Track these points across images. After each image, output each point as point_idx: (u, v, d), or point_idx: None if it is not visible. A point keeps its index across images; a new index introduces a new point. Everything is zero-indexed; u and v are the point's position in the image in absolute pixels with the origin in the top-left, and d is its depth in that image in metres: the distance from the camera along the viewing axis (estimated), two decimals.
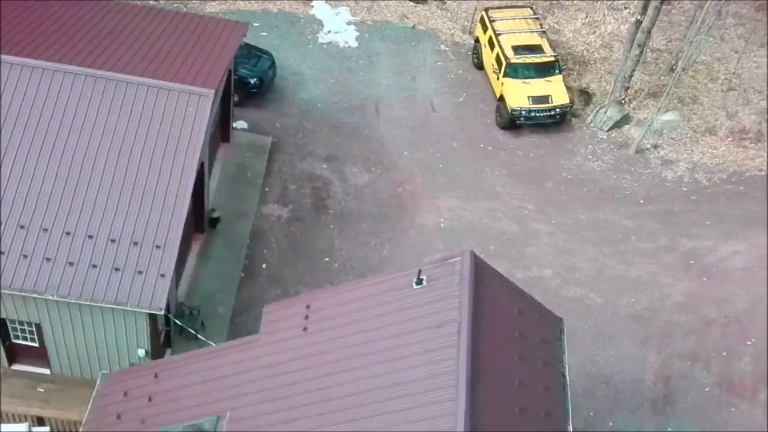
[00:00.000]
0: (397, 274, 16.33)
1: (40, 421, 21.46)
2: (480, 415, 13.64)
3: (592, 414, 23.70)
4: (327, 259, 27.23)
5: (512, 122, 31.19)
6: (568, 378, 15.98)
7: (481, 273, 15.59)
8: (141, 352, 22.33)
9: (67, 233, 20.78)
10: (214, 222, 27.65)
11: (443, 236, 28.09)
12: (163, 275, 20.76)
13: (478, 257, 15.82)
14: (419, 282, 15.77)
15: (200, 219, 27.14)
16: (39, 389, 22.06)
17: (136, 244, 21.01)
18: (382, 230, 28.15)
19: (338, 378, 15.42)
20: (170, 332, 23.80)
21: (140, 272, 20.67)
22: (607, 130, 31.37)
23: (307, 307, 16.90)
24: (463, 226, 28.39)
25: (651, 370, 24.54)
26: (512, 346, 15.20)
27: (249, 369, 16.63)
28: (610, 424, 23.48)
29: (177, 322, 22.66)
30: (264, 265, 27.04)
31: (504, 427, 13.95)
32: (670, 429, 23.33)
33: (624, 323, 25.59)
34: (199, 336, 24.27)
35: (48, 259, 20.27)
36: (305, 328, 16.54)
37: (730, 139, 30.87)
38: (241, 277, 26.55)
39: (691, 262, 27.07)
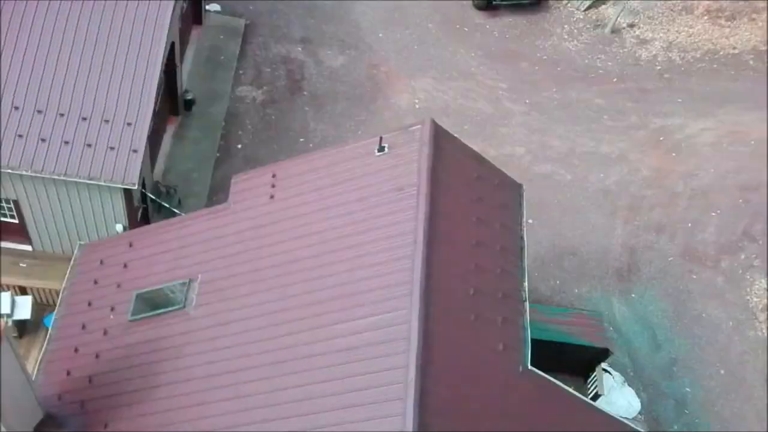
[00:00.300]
0: (360, 142, 16.71)
1: (23, 291, 22.20)
2: (436, 268, 14.27)
3: (558, 283, 24.57)
4: (302, 139, 27.56)
5: (489, 3, 30.98)
6: (525, 240, 16.59)
7: (442, 140, 15.97)
8: (119, 227, 22.89)
9: (39, 111, 20.98)
10: (189, 104, 27.80)
11: (418, 116, 28.25)
12: (135, 151, 21.10)
13: (439, 125, 16.15)
14: (381, 149, 16.16)
15: (174, 101, 27.28)
16: (21, 264, 22.72)
17: (107, 121, 21.24)
18: (356, 111, 28.38)
19: (303, 241, 15.98)
20: (148, 210, 24.33)
21: (112, 148, 20.99)
22: (584, 10, 31.22)
23: (274, 176, 17.33)
24: (437, 106, 28.61)
25: (617, 241, 25.31)
26: (470, 209, 15.73)
27: (219, 236, 17.17)
28: (576, 291, 24.37)
29: (151, 196, 23.11)
30: (239, 146, 27.37)
31: (460, 281, 14.61)
32: (633, 295, 24.25)
33: (593, 197, 26.20)
34: (176, 213, 24.85)
35: (20, 136, 20.53)
36: (272, 196, 17.01)
37: (706, 17, 30.79)
38: (217, 158, 26.92)
39: (661, 138, 27.50)
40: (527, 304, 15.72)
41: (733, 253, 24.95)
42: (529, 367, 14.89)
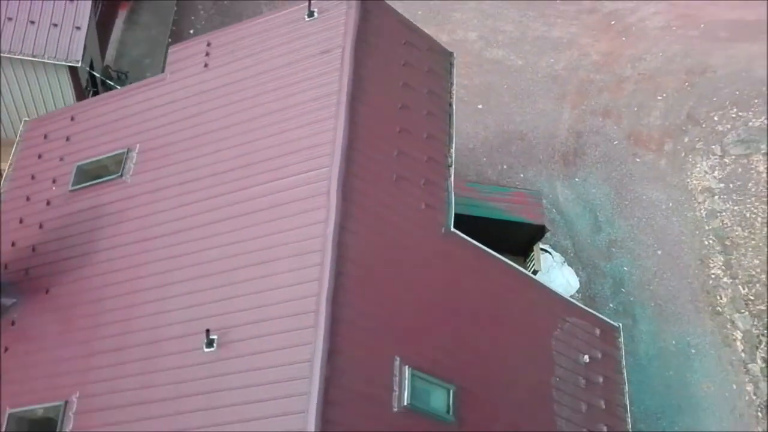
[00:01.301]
0: (291, 8, 16.80)
1: None
2: (359, 128, 14.62)
3: (505, 167, 25.01)
4: None
5: None
6: (453, 107, 16.89)
7: (370, 4, 16.08)
8: None
9: None
10: None
11: None
12: (78, 27, 21.08)
13: None
14: (311, 14, 16.29)
15: None
16: None
17: None
18: None
19: (236, 107, 16.26)
20: (98, 93, 24.37)
21: (55, 25, 20.96)
22: None
23: (208, 44, 17.46)
24: None
25: (564, 126, 25.66)
26: (397, 73, 15.97)
27: (155, 106, 17.40)
28: (522, 175, 24.85)
29: (97, 75, 23.15)
30: (192, 31, 27.24)
31: (383, 142, 14.98)
32: (577, 179, 24.75)
33: (542, 82, 26.42)
34: None
35: None
36: (206, 65, 17.18)
37: None
38: (169, 43, 26.76)
39: (612, 22, 27.56)
40: (452, 169, 16.12)
41: (676, 136, 25.39)
42: (452, 229, 15.42)
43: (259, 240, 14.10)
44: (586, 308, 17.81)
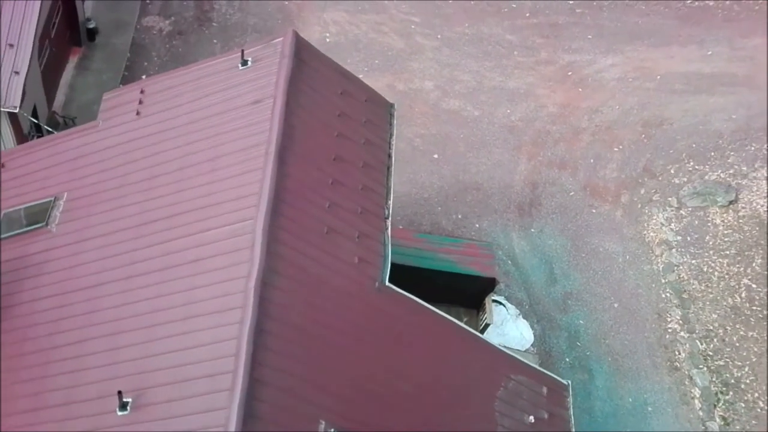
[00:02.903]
0: (225, 56, 16.38)
1: None
2: (287, 181, 14.08)
3: (460, 217, 24.54)
4: None
5: None
6: (393, 158, 16.41)
7: (305, 54, 15.69)
8: None
9: None
10: (92, 34, 27.10)
11: (328, 51, 27.10)
12: (17, 72, 20.57)
13: (302, 38, 15.87)
14: (244, 63, 15.84)
15: (76, 30, 26.59)
16: None
17: None
18: None
19: (166, 156, 15.69)
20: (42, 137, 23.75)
21: None
22: None
23: (142, 91, 16.98)
24: (348, 40, 28.21)
25: (520, 176, 25.28)
26: (332, 123, 15.51)
27: (86, 153, 16.83)
28: (477, 225, 24.36)
29: (35, 121, 22.55)
30: (144, 77, 26.58)
31: (314, 194, 14.44)
32: (533, 229, 24.30)
33: (498, 133, 26.10)
34: None
35: None
36: (138, 113, 16.66)
37: None
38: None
39: (569, 73, 27.40)
40: (389, 221, 15.57)
41: (632, 188, 25.06)
42: (387, 283, 14.81)
43: (181, 295, 13.43)
44: (533, 365, 17.20)
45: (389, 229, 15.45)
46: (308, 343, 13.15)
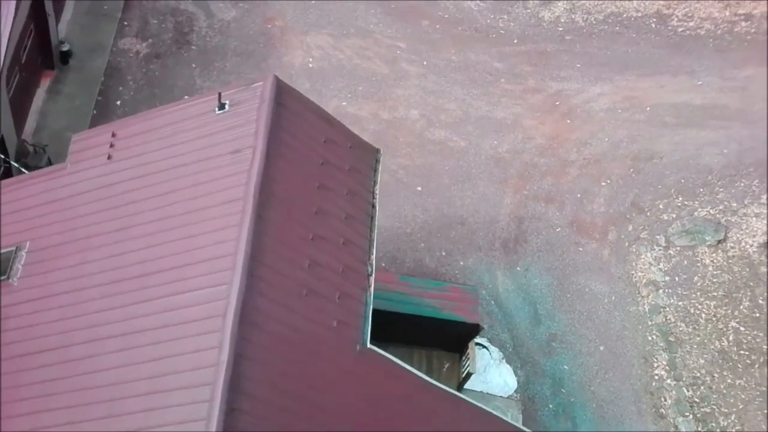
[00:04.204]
0: (201, 98, 15.55)
1: None
2: (265, 239, 13.29)
3: (444, 254, 23.84)
4: (186, 97, 26.12)
5: None
6: (377, 208, 15.66)
7: (286, 98, 14.87)
8: None
9: None
10: (66, 57, 26.16)
11: (311, 76, 27.14)
12: None
13: (284, 82, 15.04)
14: (221, 107, 15.03)
15: (49, 54, 25.63)
16: None
17: None
18: (246, 69, 27.02)
19: (138, 207, 14.84)
20: (10, 168, 22.80)
21: None
22: None
23: (113, 135, 16.08)
24: (332, 66, 27.43)
25: (506, 211, 24.61)
26: (314, 173, 14.71)
27: (52, 199, 15.95)
28: (461, 263, 23.67)
29: (5, 158, 21.58)
30: (119, 102, 25.89)
31: (294, 253, 13.66)
32: (518, 268, 23.64)
33: (485, 165, 25.41)
34: None
35: None
36: (109, 157, 15.79)
37: None
38: (94, 114, 25.43)
39: (557, 103, 26.75)
40: (372, 278, 14.81)
41: (620, 224, 24.45)
42: (368, 345, 14.06)
43: (146, 366, 12.61)
44: (517, 425, 16.52)
45: (372, 287, 14.69)
46: (284, 419, 12.37)
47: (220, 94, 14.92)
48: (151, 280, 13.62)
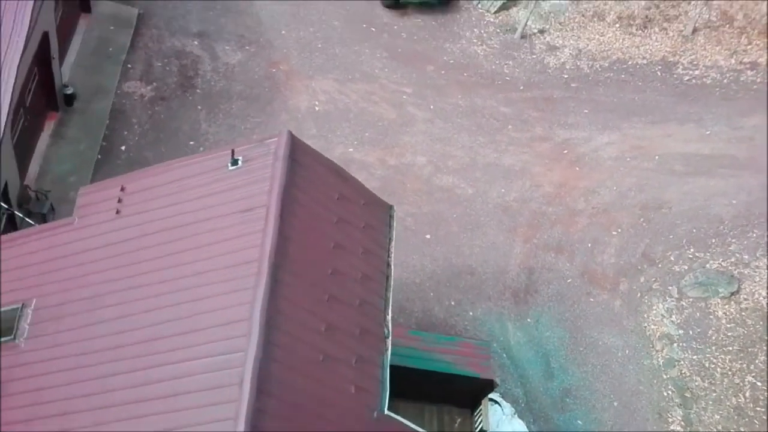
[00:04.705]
0: (213, 153, 15.22)
1: None
2: (281, 302, 12.86)
3: (453, 304, 23.40)
4: (192, 142, 25.83)
5: (396, 1, 29.66)
6: (392, 266, 15.27)
7: (300, 155, 14.53)
8: None
9: None
10: (70, 99, 25.82)
11: (317, 121, 26.88)
12: None
13: (298, 138, 14.71)
14: (234, 163, 14.67)
15: (53, 96, 25.31)
16: None
17: None
18: (252, 113, 26.77)
19: (147, 266, 14.42)
20: (13, 216, 22.37)
21: None
22: (494, 12, 30.04)
23: (122, 189, 15.69)
24: (338, 110, 27.19)
25: (516, 260, 24.23)
26: (329, 233, 14.33)
27: (59, 255, 15.50)
28: (471, 314, 23.23)
29: (7, 207, 21.14)
30: (123, 147, 25.52)
31: (309, 317, 13.23)
32: (529, 319, 23.22)
33: (493, 213, 25.08)
34: (47, 220, 22.96)
35: None
36: (118, 211, 15.39)
37: (617, 25, 29.87)
38: (98, 159, 25.02)
39: (565, 151, 26.52)
40: (389, 340, 14.37)
41: (632, 275, 24.07)
42: (386, 412, 13.57)
43: None
44: None
45: (389, 350, 14.24)
46: None
47: (233, 150, 14.57)
48: (161, 345, 13.16)
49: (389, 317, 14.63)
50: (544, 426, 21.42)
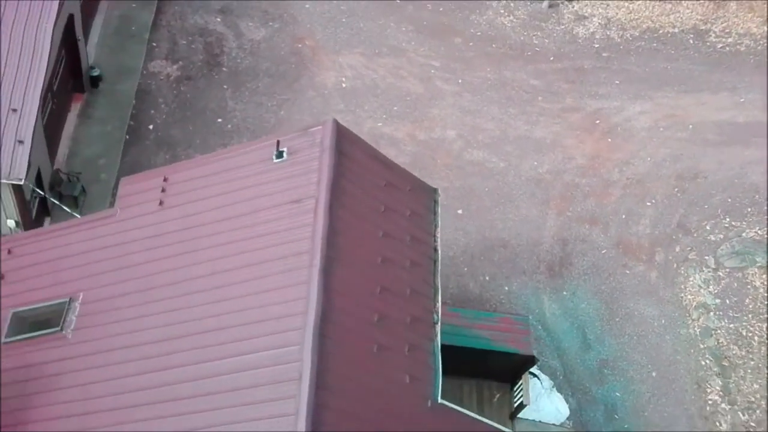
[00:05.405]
0: (257, 144, 15.05)
1: None
2: (335, 294, 12.82)
3: (488, 278, 23.34)
4: (219, 120, 25.70)
5: None
6: (439, 252, 15.18)
7: (345, 144, 14.38)
8: (11, 223, 21.01)
9: None
10: (96, 81, 25.68)
11: (344, 96, 26.64)
12: (21, 142, 19.18)
13: (343, 126, 14.54)
14: (279, 155, 14.53)
15: (79, 77, 25.17)
16: None
17: None
18: (278, 90, 26.55)
19: (194, 258, 14.39)
20: (45, 199, 22.37)
21: None
22: None
23: (165, 180, 15.62)
24: (365, 85, 26.92)
25: (549, 233, 24.09)
26: (377, 222, 14.23)
27: (103, 246, 15.49)
28: (506, 288, 23.18)
29: (41, 193, 21.11)
30: (151, 127, 25.41)
31: (362, 307, 13.20)
32: (564, 292, 23.15)
33: (525, 186, 24.89)
34: (78, 201, 23.00)
35: None
36: (161, 203, 15.33)
37: None
38: (126, 140, 24.95)
39: (597, 122, 26.21)
40: (439, 326, 14.34)
41: (667, 245, 23.91)
42: (440, 400, 13.58)
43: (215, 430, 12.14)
44: None
45: (439, 336, 14.22)
46: None
47: (278, 142, 14.42)
48: (211, 338, 13.16)
49: (438, 303, 14.58)
50: (582, 398, 21.47)
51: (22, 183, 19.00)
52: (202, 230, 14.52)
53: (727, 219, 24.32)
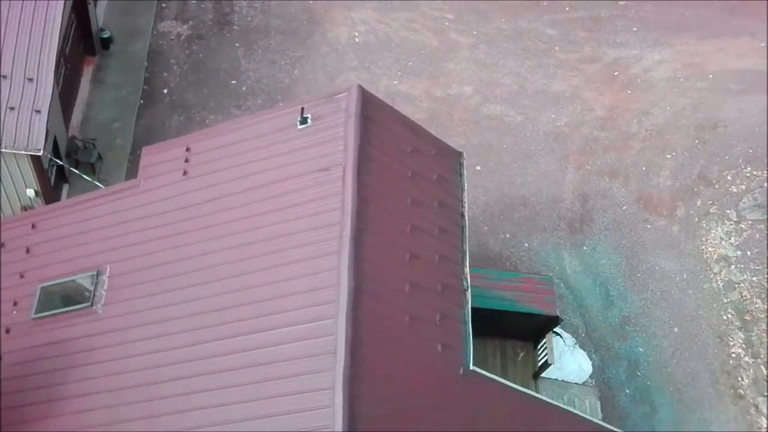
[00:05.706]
0: (281, 111, 14.80)
1: None
2: (365, 265, 12.73)
3: (508, 236, 23.25)
4: (233, 81, 25.39)
5: None
6: (466, 217, 15.03)
7: (371, 109, 14.14)
8: (30, 192, 20.91)
9: None
10: (107, 43, 25.33)
11: (358, 52, 26.25)
12: (38, 111, 18.97)
13: (367, 91, 14.27)
14: (304, 121, 14.32)
15: (90, 41, 24.82)
16: None
17: (4, 77, 18.99)
18: (291, 47, 26.16)
19: (220, 230, 14.27)
20: (63, 168, 22.25)
21: (12, 108, 18.83)
22: None
23: (188, 149, 15.43)
24: (378, 40, 26.50)
25: (569, 188, 23.92)
26: (405, 188, 14.06)
27: (128, 219, 15.38)
28: (526, 245, 23.10)
29: (59, 162, 20.97)
30: (165, 90, 25.13)
31: (393, 277, 13.12)
32: (585, 248, 23.06)
33: (544, 141, 24.64)
34: (96, 168, 22.89)
35: None
36: (185, 173, 15.18)
37: None
38: (140, 104, 24.72)
39: (616, 73, 25.80)
40: (469, 293, 14.29)
41: (688, 199, 23.71)
42: (471, 367, 13.59)
43: (248, 406, 12.16)
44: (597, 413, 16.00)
45: (469, 303, 14.18)
46: None
47: (302, 108, 14.19)
48: (242, 312, 13.11)
49: (467, 269, 14.50)
50: (605, 354, 21.53)
51: (40, 153, 18.83)
52: (229, 201, 14.38)
53: (749, 168, 24.08)
